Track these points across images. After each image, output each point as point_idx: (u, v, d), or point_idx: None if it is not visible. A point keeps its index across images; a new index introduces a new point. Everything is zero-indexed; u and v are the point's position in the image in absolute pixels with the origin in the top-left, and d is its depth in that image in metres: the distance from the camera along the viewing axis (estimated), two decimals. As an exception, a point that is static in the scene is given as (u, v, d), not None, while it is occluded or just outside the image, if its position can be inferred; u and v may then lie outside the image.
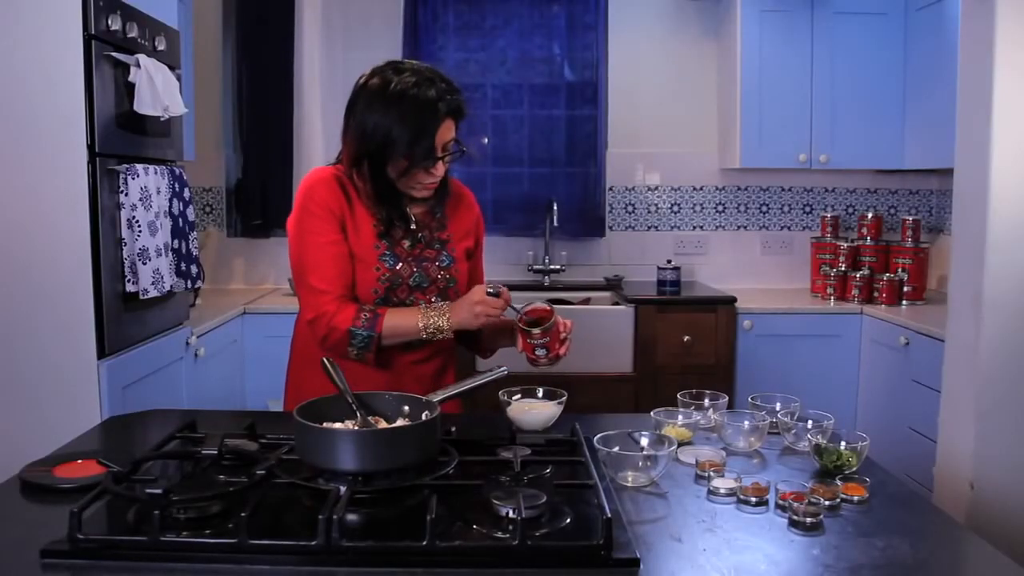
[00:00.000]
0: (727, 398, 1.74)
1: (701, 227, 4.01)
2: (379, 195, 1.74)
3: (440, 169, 1.73)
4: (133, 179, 2.39)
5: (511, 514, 1.16)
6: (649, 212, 3.99)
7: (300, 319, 1.87)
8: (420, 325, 1.70)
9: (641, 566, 1.09)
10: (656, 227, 4.00)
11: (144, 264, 2.42)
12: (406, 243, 1.79)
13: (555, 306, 1.77)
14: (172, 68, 2.65)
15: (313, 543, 1.08)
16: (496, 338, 1.88)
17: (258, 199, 3.87)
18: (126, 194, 2.38)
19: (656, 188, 3.99)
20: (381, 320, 1.70)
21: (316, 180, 1.77)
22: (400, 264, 1.77)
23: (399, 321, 1.71)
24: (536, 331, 1.71)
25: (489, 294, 1.69)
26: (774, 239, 4.02)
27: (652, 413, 1.63)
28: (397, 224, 1.78)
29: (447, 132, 1.71)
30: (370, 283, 1.75)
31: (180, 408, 2.53)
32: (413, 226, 1.80)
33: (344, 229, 1.75)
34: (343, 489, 1.19)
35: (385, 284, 1.75)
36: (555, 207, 3.74)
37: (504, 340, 1.86)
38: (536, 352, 1.74)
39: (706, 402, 1.73)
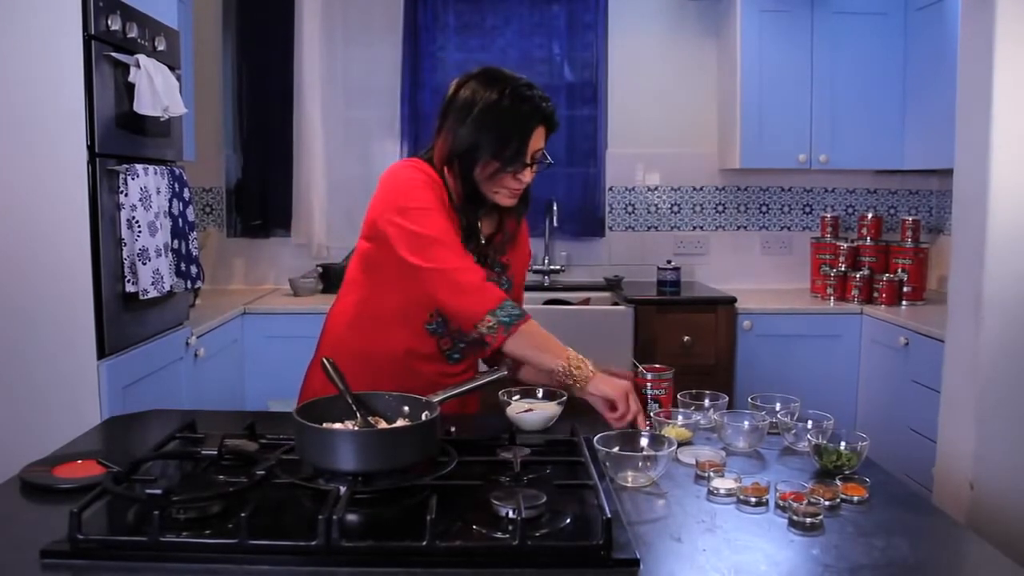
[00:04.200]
0: (727, 398, 1.74)
1: (701, 227, 4.01)
2: (466, 196, 1.72)
3: (528, 175, 1.73)
4: (133, 179, 2.39)
5: (511, 514, 1.16)
6: (649, 212, 3.99)
7: (338, 311, 1.85)
8: (569, 357, 1.62)
9: (641, 566, 1.09)
10: (656, 227, 4.00)
11: (144, 264, 2.42)
12: (473, 258, 1.76)
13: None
14: (172, 68, 2.65)
15: (313, 543, 1.08)
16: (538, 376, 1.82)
17: (258, 199, 3.87)
18: (126, 194, 2.38)
19: (656, 188, 3.98)
20: (528, 318, 1.64)
21: (427, 174, 1.72)
22: None
23: (545, 333, 1.66)
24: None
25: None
26: (774, 239, 4.02)
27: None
28: (475, 232, 1.77)
29: (538, 140, 1.72)
30: None
31: (180, 408, 2.53)
32: (483, 242, 1.79)
33: None
34: (343, 489, 1.19)
35: None
36: (555, 207, 3.74)
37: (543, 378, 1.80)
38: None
39: (706, 402, 1.73)
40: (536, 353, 1.65)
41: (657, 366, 1.72)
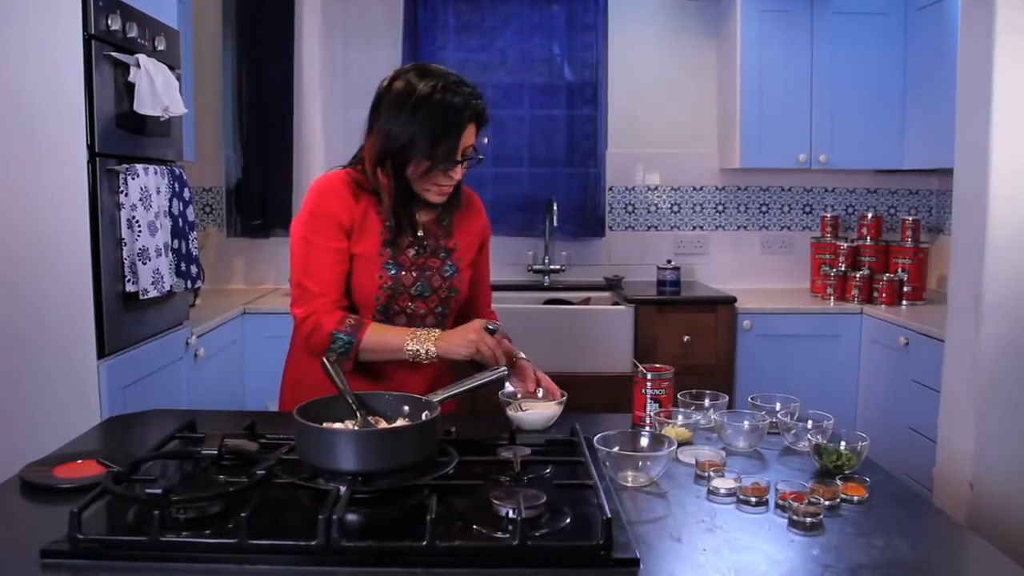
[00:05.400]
0: (727, 398, 1.74)
1: (701, 227, 4.01)
2: (399, 195, 1.73)
3: (458, 172, 1.74)
4: (133, 179, 2.39)
5: (511, 514, 1.16)
6: (649, 212, 3.99)
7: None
8: (409, 348, 1.66)
9: (641, 566, 1.09)
10: (656, 227, 4.00)
11: (144, 264, 2.42)
12: (411, 252, 1.79)
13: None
14: (172, 68, 2.65)
15: (313, 543, 1.08)
16: None
17: (258, 199, 3.87)
18: (126, 194, 2.38)
19: (656, 188, 3.98)
20: (364, 329, 1.69)
21: (327, 187, 1.77)
22: (403, 272, 1.77)
23: (384, 336, 1.69)
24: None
25: (488, 330, 1.67)
26: (774, 239, 4.02)
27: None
28: (405, 231, 1.77)
29: (469, 136, 1.72)
30: (372, 290, 1.75)
31: (180, 408, 2.53)
32: (420, 233, 1.80)
33: (350, 238, 1.75)
34: (343, 489, 1.19)
35: (387, 292, 1.75)
36: (555, 207, 3.74)
37: None
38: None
39: (706, 402, 1.73)
40: (385, 355, 1.70)
41: (657, 366, 1.72)
